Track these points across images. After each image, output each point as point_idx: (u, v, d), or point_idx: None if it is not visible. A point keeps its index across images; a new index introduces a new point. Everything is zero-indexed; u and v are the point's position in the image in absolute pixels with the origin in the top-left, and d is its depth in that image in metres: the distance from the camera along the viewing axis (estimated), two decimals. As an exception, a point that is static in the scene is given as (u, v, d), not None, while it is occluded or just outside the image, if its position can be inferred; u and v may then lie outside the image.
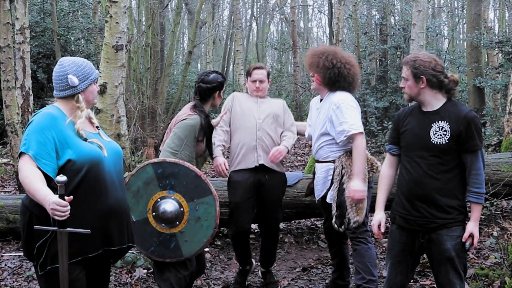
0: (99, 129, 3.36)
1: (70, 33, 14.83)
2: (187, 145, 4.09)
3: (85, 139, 3.15)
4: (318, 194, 4.65)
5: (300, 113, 19.46)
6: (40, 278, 3.17)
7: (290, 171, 9.86)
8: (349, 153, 4.45)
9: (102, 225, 3.12)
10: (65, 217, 2.83)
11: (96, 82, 3.34)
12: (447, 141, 3.42)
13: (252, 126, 4.84)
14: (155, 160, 3.85)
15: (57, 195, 2.83)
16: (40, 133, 3.02)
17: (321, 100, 4.69)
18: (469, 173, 3.44)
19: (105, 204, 3.13)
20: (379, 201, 3.78)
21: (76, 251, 3.04)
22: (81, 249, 3.06)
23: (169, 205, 3.75)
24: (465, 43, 18.17)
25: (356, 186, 4.28)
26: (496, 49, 13.75)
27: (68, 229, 2.91)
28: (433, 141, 3.45)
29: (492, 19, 28.84)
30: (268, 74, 5.08)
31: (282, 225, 7.05)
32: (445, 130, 3.43)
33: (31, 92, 10.71)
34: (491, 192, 6.25)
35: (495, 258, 5.34)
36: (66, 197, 2.84)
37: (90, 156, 3.09)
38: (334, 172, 4.47)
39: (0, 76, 10.64)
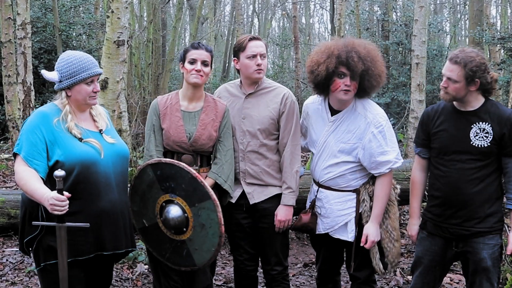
0: (102, 130, 3.20)
1: (71, 29, 14.81)
2: (151, 138, 3.66)
3: (80, 139, 3.04)
4: (327, 228, 3.67)
5: (301, 109, 19.46)
6: (38, 274, 3.17)
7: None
8: (372, 179, 3.61)
9: (93, 229, 3.03)
10: (64, 212, 2.81)
11: (91, 83, 3.10)
12: (488, 144, 3.20)
13: (236, 149, 3.82)
14: (152, 161, 3.45)
15: (55, 191, 2.81)
16: (31, 133, 2.98)
17: (330, 108, 3.66)
18: (508, 178, 3.24)
19: (96, 207, 3.04)
20: (415, 209, 3.56)
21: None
22: (71, 251, 3.00)
23: (173, 211, 3.41)
24: (467, 39, 18.12)
25: (373, 231, 3.52)
26: (498, 45, 13.71)
27: (67, 223, 2.88)
28: (473, 144, 3.22)
29: (494, 15, 28.78)
30: (266, 49, 3.88)
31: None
32: (487, 132, 3.20)
33: (32, 88, 10.74)
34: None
35: (497, 254, 5.32)
36: (65, 192, 2.82)
37: (80, 157, 2.98)
38: (360, 205, 3.59)
39: (2, 71, 10.65)
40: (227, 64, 25.56)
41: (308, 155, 8.82)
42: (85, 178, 3.00)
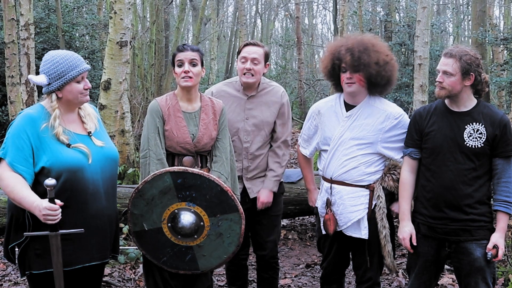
0: (91, 132, 3.08)
1: (74, 29, 14.81)
2: (157, 141, 3.55)
3: (68, 145, 2.93)
4: (341, 226, 3.67)
5: (304, 110, 19.40)
6: (27, 279, 3.06)
7: (294, 168, 9.86)
8: (386, 174, 3.66)
9: (80, 239, 2.94)
10: (57, 220, 2.76)
11: (82, 81, 3.00)
12: (482, 145, 3.22)
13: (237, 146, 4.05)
14: (175, 169, 3.37)
15: (47, 200, 2.74)
16: (17, 137, 2.85)
17: (345, 104, 3.69)
18: (498, 180, 3.24)
19: (83, 217, 2.95)
20: (405, 211, 3.46)
21: (50, 262, 2.88)
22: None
23: (187, 218, 3.35)
24: (470, 40, 18.10)
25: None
26: (501, 46, 13.69)
27: (61, 231, 2.82)
28: (467, 144, 3.23)
29: (497, 16, 28.75)
30: (266, 56, 4.02)
31: (285, 221, 7.05)
32: (481, 133, 3.22)
33: (35, 88, 10.73)
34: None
35: (499, 255, 5.31)
36: (56, 201, 2.76)
37: (67, 163, 2.87)
38: (374, 201, 3.61)
39: (5, 72, 10.66)
40: (229, 65, 25.56)
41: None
42: (72, 185, 2.90)
